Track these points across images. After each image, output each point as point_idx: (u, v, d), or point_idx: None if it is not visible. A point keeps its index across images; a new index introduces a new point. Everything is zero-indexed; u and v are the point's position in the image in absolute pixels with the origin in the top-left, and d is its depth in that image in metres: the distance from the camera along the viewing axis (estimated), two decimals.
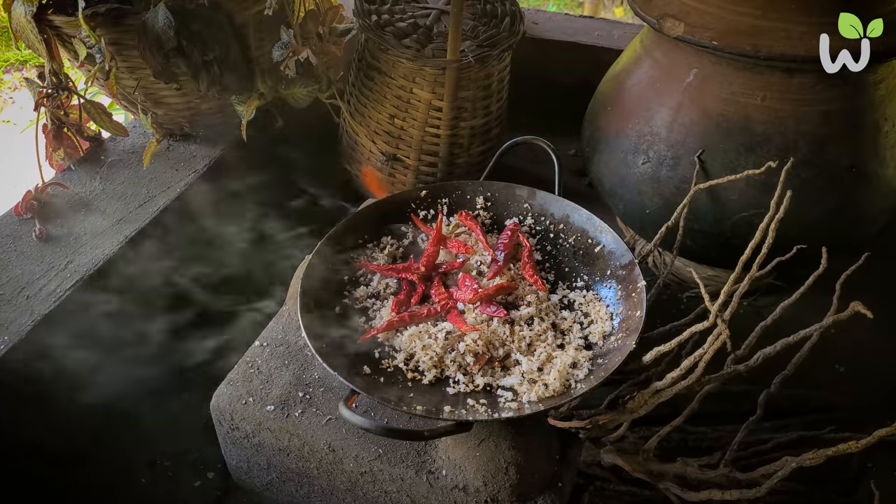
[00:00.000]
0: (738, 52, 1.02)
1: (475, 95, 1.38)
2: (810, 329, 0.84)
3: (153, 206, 1.23)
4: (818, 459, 0.75)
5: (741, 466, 0.89)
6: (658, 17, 1.08)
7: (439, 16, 1.38)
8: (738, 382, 1.01)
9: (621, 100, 1.23)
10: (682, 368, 0.79)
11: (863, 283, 0.89)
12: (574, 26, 1.77)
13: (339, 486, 0.91)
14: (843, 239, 1.13)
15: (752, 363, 0.87)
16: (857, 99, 1.06)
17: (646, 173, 1.17)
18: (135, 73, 1.22)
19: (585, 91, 1.37)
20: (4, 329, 0.99)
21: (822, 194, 1.08)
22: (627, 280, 0.93)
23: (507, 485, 0.81)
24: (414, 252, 1.04)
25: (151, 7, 1.12)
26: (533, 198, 1.07)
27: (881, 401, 1.16)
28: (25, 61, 3.02)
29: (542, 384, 0.82)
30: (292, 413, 0.89)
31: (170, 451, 1.13)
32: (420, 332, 0.89)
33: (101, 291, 1.11)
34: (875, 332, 1.25)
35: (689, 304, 1.35)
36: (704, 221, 1.13)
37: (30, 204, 1.18)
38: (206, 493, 1.08)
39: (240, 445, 0.95)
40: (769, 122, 1.06)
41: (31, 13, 1.11)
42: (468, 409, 0.80)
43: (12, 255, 1.11)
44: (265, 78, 1.29)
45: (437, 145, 1.41)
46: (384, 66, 1.35)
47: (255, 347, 0.97)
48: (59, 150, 1.26)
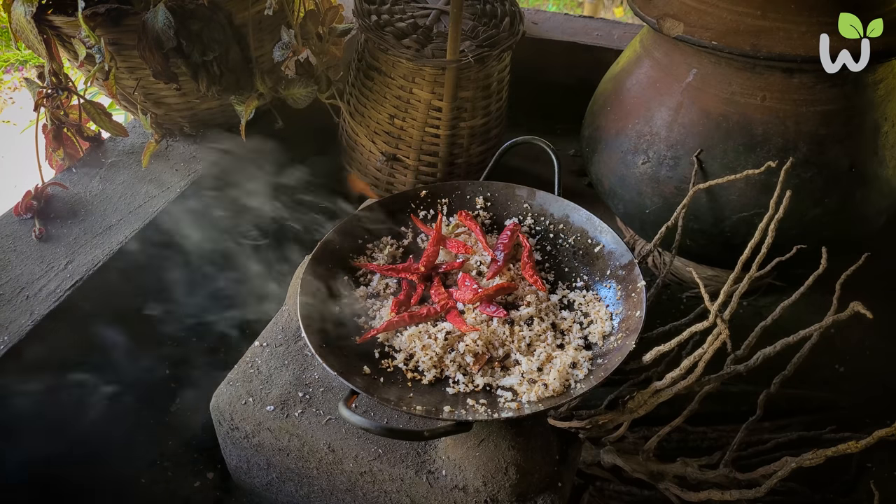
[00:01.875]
0: (738, 52, 1.02)
1: (475, 95, 1.38)
2: (810, 329, 0.84)
3: (153, 207, 1.23)
4: (818, 460, 0.75)
5: (741, 466, 0.89)
6: (658, 17, 1.08)
7: (439, 16, 1.38)
8: (737, 382, 1.01)
9: (621, 100, 1.23)
10: (681, 368, 0.79)
11: (863, 283, 0.89)
12: (574, 26, 1.77)
13: (338, 486, 0.91)
14: (842, 239, 1.13)
15: (752, 363, 0.87)
16: (857, 99, 1.06)
17: (645, 173, 1.17)
18: (134, 73, 1.22)
19: (585, 91, 1.37)
20: (4, 329, 0.99)
21: (821, 194, 1.08)
22: (627, 280, 0.93)
23: (507, 485, 0.81)
24: (414, 252, 1.04)
25: (151, 7, 1.12)
26: (533, 198, 1.07)
27: (881, 401, 1.16)
28: (25, 61, 3.02)
29: (541, 384, 0.82)
30: (292, 413, 0.89)
31: (170, 451, 1.13)
32: (420, 332, 0.89)
33: (101, 291, 1.11)
34: (875, 332, 1.25)
35: (688, 304, 1.35)
36: (704, 221, 1.13)
37: (30, 204, 1.18)
38: (206, 493, 1.08)
39: (240, 445, 0.95)
40: (769, 122, 1.06)
41: (30, 13, 1.11)
42: (468, 409, 0.80)
43: (12, 255, 1.11)
44: (265, 78, 1.29)
45: (436, 145, 1.41)
46: (384, 67, 1.35)
47: (255, 347, 0.97)
48: (59, 151, 1.26)
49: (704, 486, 0.88)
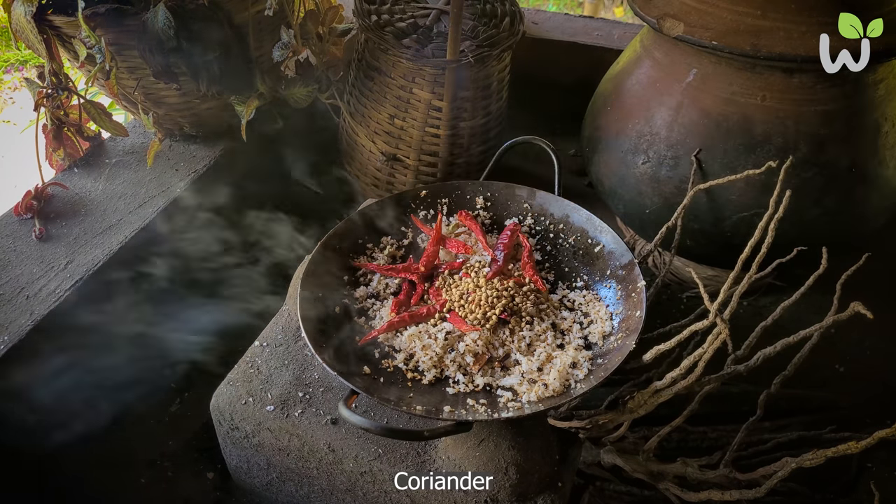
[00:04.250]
0: (738, 52, 1.02)
1: (475, 95, 1.38)
2: (810, 329, 0.84)
3: (153, 207, 1.23)
4: (818, 460, 0.75)
5: (741, 467, 0.89)
6: (658, 17, 1.08)
7: (439, 16, 1.38)
8: (738, 382, 1.01)
9: (621, 100, 1.23)
10: (681, 368, 0.79)
11: (863, 283, 0.89)
12: (574, 26, 1.77)
13: (338, 486, 0.91)
14: (842, 239, 1.13)
15: (752, 363, 0.87)
16: (857, 99, 1.06)
17: (646, 173, 1.17)
18: (135, 73, 1.22)
19: (585, 91, 1.37)
20: (4, 329, 0.99)
21: (821, 194, 1.08)
22: (627, 280, 0.93)
23: (507, 485, 0.81)
24: (414, 252, 1.04)
25: (151, 7, 1.12)
26: (533, 198, 1.07)
27: (881, 401, 1.16)
28: (25, 61, 3.02)
29: (541, 384, 0.82)
30: (292, 413, 0.89)
31: (170, 451, 1.13)
32: (420, 332, 0.89)
33: (100, 291, 1.11)
34: (875, 333, 1.25)
35: (689, 304, 1.35)
36: (704, 221, 1.13)
37: (30, 204, 1.18)
38: (206, 493, 1.08)
39: (240, 445, 0.95)
40: (769, 122, 1.06)
41: (30, 13, 1.11)
42: (468, 409, 0.80)
43: (12, 255, 1.11)
44: (265, 78, 1.29)
45: (436, 145, 1.41)
46: (384, 66, 1.35)
47: (255, 347, 0.97)
48: (59, 151, 1.26)
49: (704, 487, 0.88)
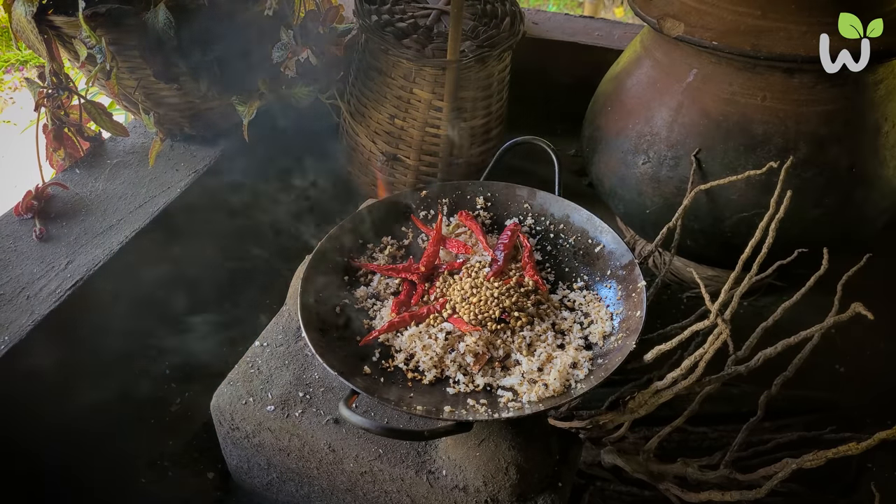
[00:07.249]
0: (738, 52, 1.02)
1: (475, 95, 1.38)
2: (811, 330, 0.84)
3: (153, 207, 1.23)
4: (818, 461, 0.75)
5: (741, 467, 0.89)
6: (658, 18, 1.08)
7: (439, 16, 1.38)
8: (738, 383, 1.01)
9: (621, 100, 1.23)
10: (682, 368, 0.79)
11: (863, 283, 0.89)
12: (574, 26, 1.77)
13: (339, 486, 0.91)
14: (843, 239, 1.13)
15: (753, 364, 0.87)
16: (857, 99, 1.06)
17: (646, 173, 1.17)
18: (135, 73, 1.22)
19: (585, 91, 1.37)
20: (4, 329, 0.99)
21: (822, 194, 1.08)
22: (627, 280, 0.93)
23: (507, 485, 0.81)
24: (414, 252, 1.04)
25: (151, 7, 1.12)
26: (533, 198, 1.07)
27: (881, 401, 1.16)
28: (26, 61, 3.03)
29: (542, 384, 0.81)
30: (292, 413, 0.89)
31: (170, 451, 1.13)
32: (420, 333, 0.89)
33: (100, 291, 1.11)
34: (876, 333, 1.25)
35: (689, 305, 1.35)
36: (704, 221, 1.13)
37: (30, 204, 1.18)
38: (206, 493, 1.08)
39: (240, 445, 0.95)
40: (769, 122, 1.06)
41: (31, 13, 1.11)
42: (468, 409, 0.80)
43: (12, 255, 1.11)
44: (265, 78, 1.29)
45: (437, 145, 1.41)
46: (384, 66, 1.35)
47: (256, 347, 0.97)
48: (60, 151, 1.26)
49: (705, 487, 0.88)
